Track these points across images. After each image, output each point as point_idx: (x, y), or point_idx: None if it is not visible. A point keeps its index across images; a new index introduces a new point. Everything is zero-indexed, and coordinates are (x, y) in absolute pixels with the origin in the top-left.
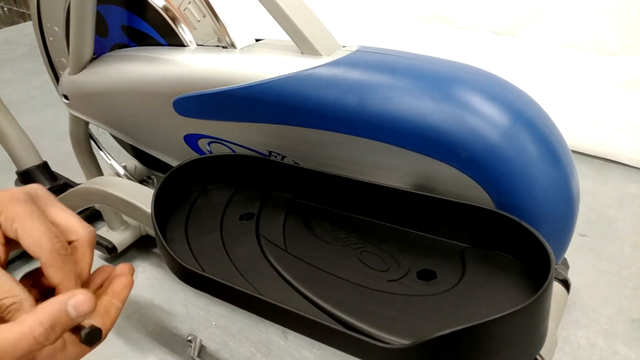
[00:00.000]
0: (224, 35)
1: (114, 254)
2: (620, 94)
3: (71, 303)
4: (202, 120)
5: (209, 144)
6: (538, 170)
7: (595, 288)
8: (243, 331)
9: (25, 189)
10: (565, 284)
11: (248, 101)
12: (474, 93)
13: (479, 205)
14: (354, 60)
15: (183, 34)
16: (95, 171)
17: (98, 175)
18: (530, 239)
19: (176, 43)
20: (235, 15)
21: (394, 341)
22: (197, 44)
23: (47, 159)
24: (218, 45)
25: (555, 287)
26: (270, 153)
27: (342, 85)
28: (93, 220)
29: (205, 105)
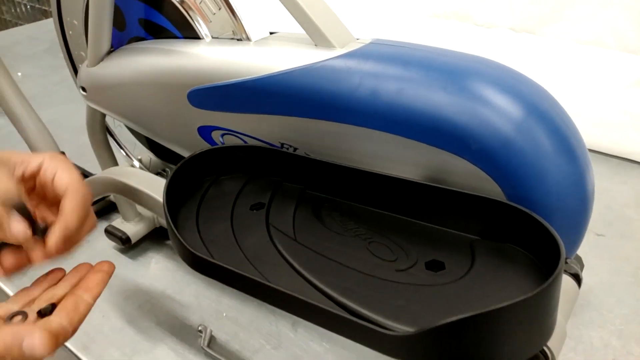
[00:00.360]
0: (239, 28)
1: (128, 245)
2: None
3: (26, 342)
4: (216, 112)
5: (222, 136)
6: (552, 164)
7: (611, 288)
8: (253, 323)
9: None
10: (577, 279)
11: (261, 93)
12: (487, 85)
13: (488, 197)
14: (367, 52)
15: (199, 26)
16: (110, 163)
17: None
18: (541, 231)
19: (192, 36)
20: (250, 8)
21: (400, 329)
22: (212, 37)
23: (65, 150)
24: (233, 38)
25: (566, 281)
26: (282, 145)
27: (355, 77)
28: (108, 212)
29: (219, 97)
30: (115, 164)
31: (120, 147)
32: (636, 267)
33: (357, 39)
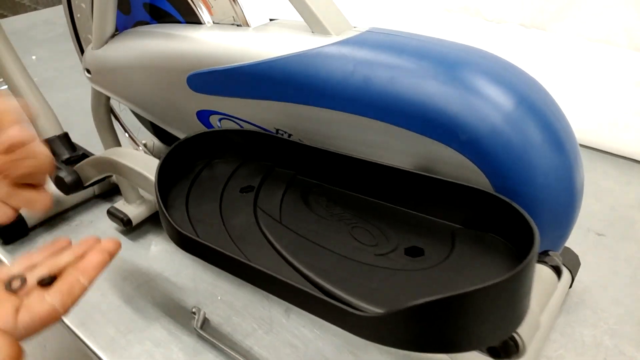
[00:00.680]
0: (239, 14)
1: (129, 226)
2: None
3: None
4: (214, 96)
5: (219, 121)
6: (539, 156)
7: (608, 288)
8: (247, 307)
9: None
10: (557, 271)
11: (257, 78)
12: (478, 75)
13: (470, 186)
14: (362, 40)
15: (201, 12)
16: (113, 145)
17: None
18: (519, 220)
19: (194, 21)
20: None
21: (370, 310)
22: (214, 23)
23: (74, 133)
24: (233, 24)
25: (545, 273)
26: (277, 131)
27: (349, 64)
28: (112, 195)
29: (216, 81)
30: (119, 146)
31: (125, 131)
32: (635, 268)
33: (354, 27)
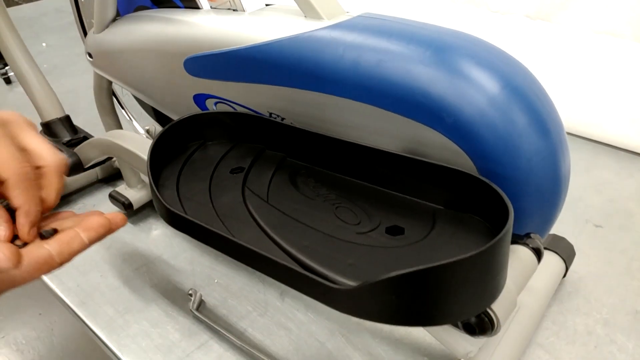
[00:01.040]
0: None
1: (130, 210)
2: None
3: None
4: (210, 80)
5: (215, 104)
6: (523, 140)
7: (602, 278)
8: (243, 290)
9: None
10: (537, 253)
11: (250, 62)
12: (464, 59)
13: (450, 167)
14: (352, 24)
15: None
16: (115, 128)
17: None
18: (496, 199)
19: (192, 6)
20: None
21: (346, 284)
22: (211, 7)
23: (81, 118)
24: (229, 9)
25: (525, 254)
26: (270, 114)
27: (338, 48)
28: (114, 179)
29: (212, 65)
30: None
31: (129, 117)
32: (630, 259)
33: (347, 12)
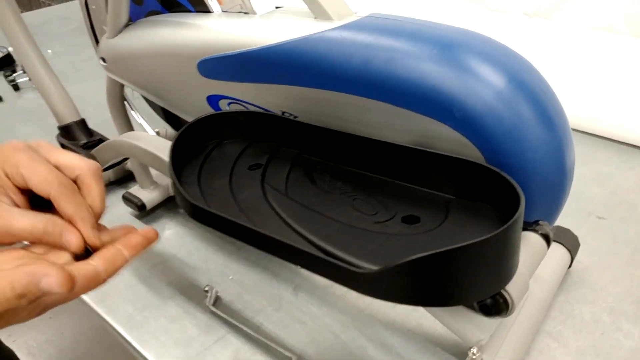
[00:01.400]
0: (246, 2)
1: (143, 211)
2: None
3: (44, 280)
4: (223, 81)
5: (228, 105)
6: (529, 132)
7: (607, 268)
8: (257, 286)
9: (25, 142)
10: (547, 239)
11: (263, 63)
12: (471, 56)
13: (462, 158)
14: (362, 24)
15: (210, 1)
16: (128, 131)
17: None
18: (507, 188)
19: (203, 10)
20: None
21: (368, 268)
22: (222, 11)
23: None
24: (240, 12)
25: (535, 239)
26: (283, 113)
27: (349, 47)
28: (126, 181)
29: (225, 67)
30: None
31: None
32: (634, 249)
33: (355, 13)
